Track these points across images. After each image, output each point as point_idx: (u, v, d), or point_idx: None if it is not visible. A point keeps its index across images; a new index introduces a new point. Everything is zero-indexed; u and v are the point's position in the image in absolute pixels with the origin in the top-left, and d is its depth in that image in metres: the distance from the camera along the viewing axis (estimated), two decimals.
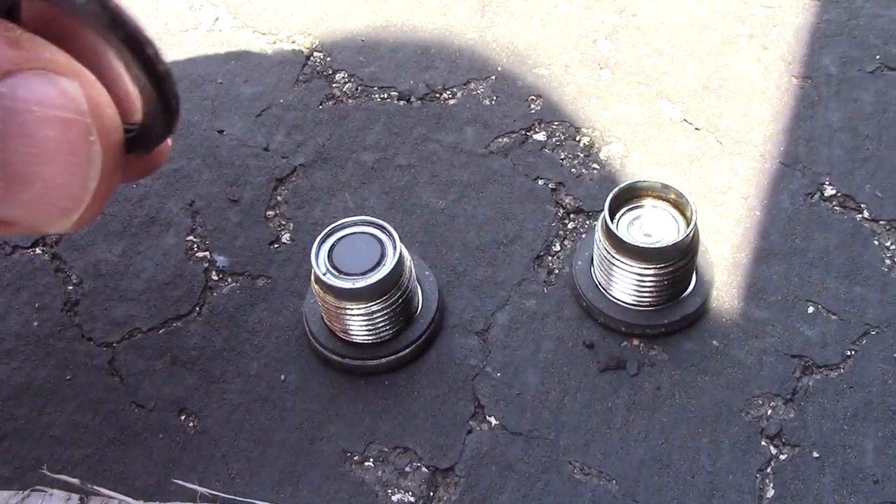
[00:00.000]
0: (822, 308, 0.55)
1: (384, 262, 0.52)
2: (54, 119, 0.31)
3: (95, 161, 0.33)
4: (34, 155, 0.31)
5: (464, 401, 0.53)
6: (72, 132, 0.32)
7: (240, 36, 0.73)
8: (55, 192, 0.33)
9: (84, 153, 0.32)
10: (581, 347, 0.54)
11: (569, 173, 0.62)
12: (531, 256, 0.59)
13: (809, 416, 0.51)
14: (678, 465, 0.50)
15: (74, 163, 0.32)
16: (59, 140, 0.32)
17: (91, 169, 0.33)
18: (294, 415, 0.53)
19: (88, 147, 0.32)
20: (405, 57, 0.70)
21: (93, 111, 0.33)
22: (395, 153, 0.64)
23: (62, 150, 0.32)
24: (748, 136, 0.63)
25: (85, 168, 0.33)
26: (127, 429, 0.53)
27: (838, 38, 0.68)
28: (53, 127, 0.31)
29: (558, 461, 0.51)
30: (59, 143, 0.32)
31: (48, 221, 0.34)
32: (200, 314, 0.58)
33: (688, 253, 0.52)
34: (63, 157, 0.32)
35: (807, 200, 0.59)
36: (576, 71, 0.68)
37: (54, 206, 0.33)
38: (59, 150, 0.32)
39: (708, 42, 0.69)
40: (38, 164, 0.31)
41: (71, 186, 0.33)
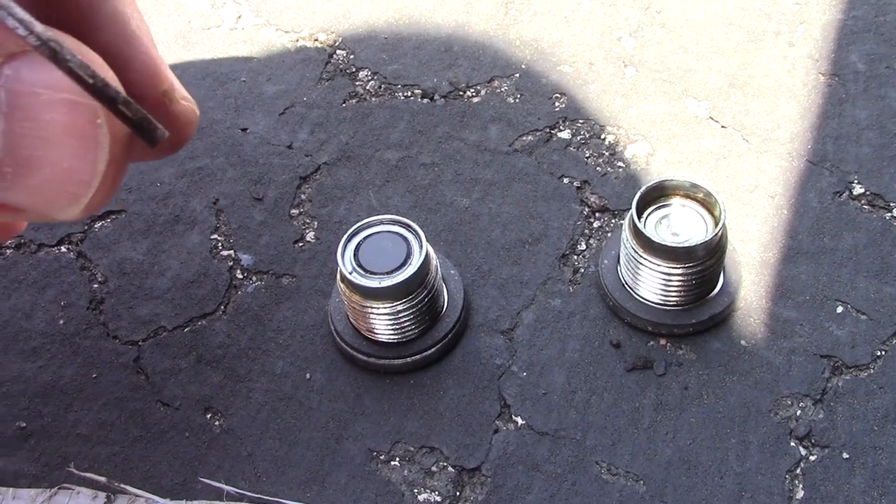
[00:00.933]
0: (851, 308, 0.54)
1: (410, 261, 0.51)
2: (61, 102, 0.31)
3: (104, 144, 0.32)
4: (41, 139, 0.31)
5: (490, 400, 0.53)
6: (79, 115, 0.31)
7: (262, 34, 0.73)
8: (64, 177, 0.32)
9: (92, 136, 0.32)
10: (607, 347, 0.54)
11: (594, 171, 0.62)
12: (556, 255, 0.58)
13: (839, 417, 0.51)
14: (706, 466, 0.50)
15: (82, 146, 0.32)
16: (67, 123, 0.31)
17: (99, 152, 0.32)
18: (320, 414, 0.53)
19: (96, 130, 0.32)
20: (428, 55, 0.70)
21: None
22: (418, 151, 0.64)
23: (70, 133, 0.31)
24: (775, 133, 0.62)
25: (93, 151, 0.32)
26: (153, 427, 0.53)
27: (866, 35, 0.67)
28: (60, 110, 0.31)
29: (585, 461, 0.50)
30: (66, 127, 0.31)
31: (57, 207, 0.33)
32: (225, 313, 0.58)
33: (716, 252, 0.52)
34: (71, 141, 0.31)
35: (835, 199, 0.59)
36: (600, 68, 0.67)
37: (63, 191, 0.32)
38: (66, 133, 0.31)
39: (734, 39, 0.68)
40: (45, 148, 0.31)
41: (79, 170, 0.32)
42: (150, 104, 0.39)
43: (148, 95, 0.38)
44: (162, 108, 0.39)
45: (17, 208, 0.33)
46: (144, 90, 0.38)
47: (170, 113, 0.39)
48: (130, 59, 0.37)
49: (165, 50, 0.71)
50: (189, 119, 0.40)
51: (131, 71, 0.37)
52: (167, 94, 0.38)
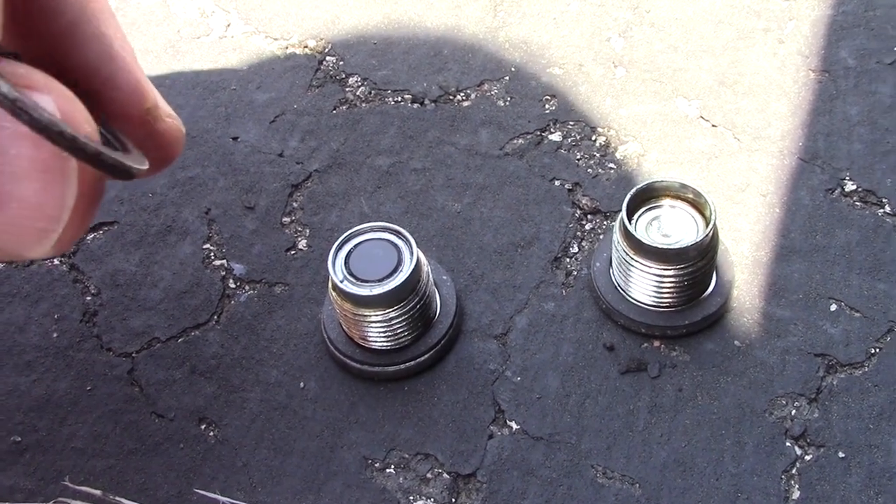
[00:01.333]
0: (844, 305, 0.54)
1: (401, 267, 0.51)
2: (27, 135, 0.30)
3: (71, 177, 0.32)
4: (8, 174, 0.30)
5: (484, 406, 0.53)
6: (45, 148, 0.30)
7: (252, 42, 0.73)
8: (31, 213, 0.31)
9: (59, 170, 0.31)
10: (601, 350, 0.54)
11: (585, 174, 0.62)
12: (549, 258, 0.58)
13: (834, 416, 0.50)
14: (702, 468, 0.50)
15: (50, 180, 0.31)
16: (33, 157, 0.30)
17: (67, 186, 0.32)
18: (314, 423, 0.53)
19: (63, 163, 0.31)
20: (418, 59, 0.70)
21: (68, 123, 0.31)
22: (409, 157, 0.64)
23: (36, 167, 0.30)
24: (766, 132, 0.62)
25: (61, 185, 0.31)
26: (148, 439, 0.53)
27: (855, 31, 0.67)
28: (26, 143, 0.30)
29: (580, 465, 0.50)
30: (32, 161, 0.30)
31: (25, 244, 0.32)
32: (219, 323, 0.58)
33: (707, 253, 0.52)
34: (38, 175, 0.30)
35: (827, 196, 0.59)
36: (590, 69, 0.67)
37: (31, 228, 0.32)
38: (33, 167, 0.30)
39: (723, 37, 0.68)
40: (12, 184, 0.30)
41: (47, 205, 0.31)
42: (135, 123, 0.39)
43: (132, 114, 0.38)
44: (146, 127, 0.39)
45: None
46: (128, 109, 0.38)
47: (154, 132, 0.39)
48: (113, 78, 0.37)
49: (155, 60, 0.71)
50: (174, 137, 0.39)
51: (114, 89, 0.37)
52: (151, 113, 0.38)
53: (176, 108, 0.68)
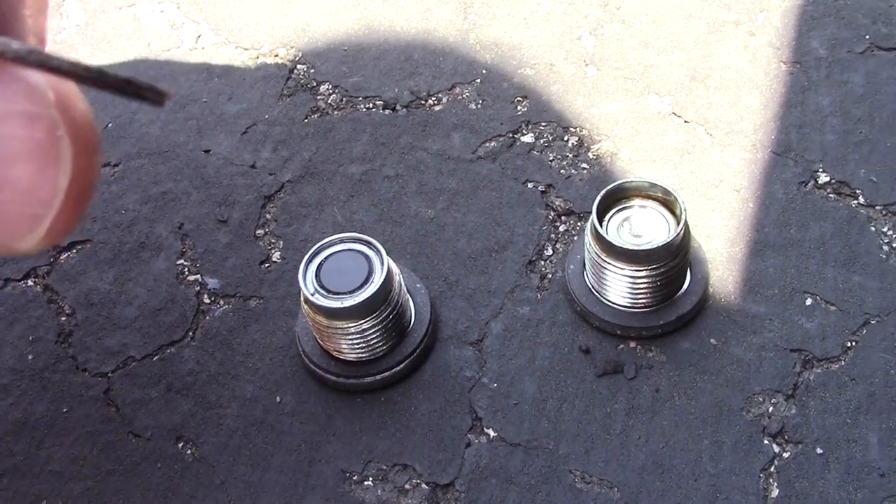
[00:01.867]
0: (820, 299, 0.54)
1: (372, 278, 0.51)
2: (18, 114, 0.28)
3: (64, 157, 0.29)
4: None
5: (461, 414, 0.53)
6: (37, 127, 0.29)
7: (222, 52, 0.72)
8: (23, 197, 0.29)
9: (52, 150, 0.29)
10: (577, 353, 0.54)
11: (558, 175, 0.61)
12: (523, 262, 0.58)
13: (811, 412, 0.50)
14: (680, 469, 0.49)
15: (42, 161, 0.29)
16: (25, 137, 0.29)
17: (60, 166, 0.29)
18: (291, 437, 0.53)
19: (56, 143, 0.29)
20: (389, 64, 0.69)
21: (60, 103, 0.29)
22: (382, 164, 0.64)
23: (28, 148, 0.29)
24: (738, 126, 0.62)
25: (53, 166, 0.29)
26: (125, 460, 0.53)
27: (826, 20, 0.67)
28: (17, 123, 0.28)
29: (559, 471, 0.50)
30: (24, 141, 0.29)
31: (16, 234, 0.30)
32: (194, 339, 0.57)
33: (679, 252, 0.51)
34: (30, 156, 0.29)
35: (800, 189, 0.58)
36: (561, 69, 0.67)
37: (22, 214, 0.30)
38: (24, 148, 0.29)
39: (694, 31, 0.68)
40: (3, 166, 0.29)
41: (39, 188, 0.29)
42: None
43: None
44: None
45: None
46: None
47: None
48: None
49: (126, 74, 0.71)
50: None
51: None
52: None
53: (147, 122, 0.68)
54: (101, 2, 0.77)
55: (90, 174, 0.31)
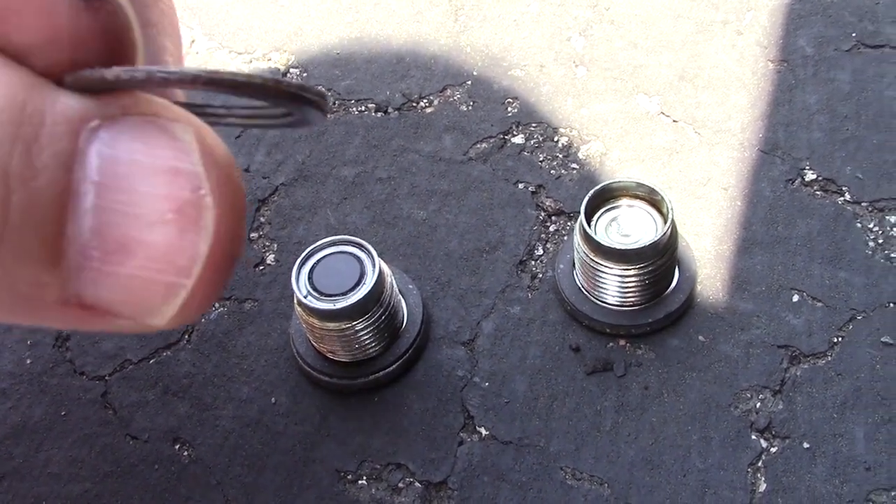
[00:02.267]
0: (806, 295, 0.55)
1: (364, 280, 0.52)
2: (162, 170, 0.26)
3: (207, 220, 0.26)
4: (137, 216, 0.25)
5: (453, 412, 0.53)
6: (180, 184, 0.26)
7: (216, 57, 0.73)
8: (159, 264, 0.26)
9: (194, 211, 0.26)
10: (567, 351, 0.55)
11: (548, 175, 0.62)
12: (514, 262, 0.59)
13: (798, 407, 0.51)
14: (669, 465, 0.50)
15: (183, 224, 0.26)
16: (168, 196, 0.26)
17: (201, 230, 0.26)
18: (286, 437, 0.54)
19: (199, 201, 0.26)
20: (380, 68, 0.70)
21: (205, 158, 0.26)
22: (374, 166, 0.64)
23: (169, 208, 0.25)
24: (726, 125, 0.63)
25: (194, 230, 0.26)
26: (123, 461, 0.54)
27: (813, 18, 0.67)
28: (160, 180, 0.26)
29: (550, 468, 0.51)
30: (167, 200, 0.26)
31: (149, 305, 0.27)
32: (190, 342, 0.58)
33: (667, 250, 0.52)
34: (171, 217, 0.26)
35: (787, 187, 0.59)
36: (551, 70, 0.68)
37: (158, 283, 0.26)
38: (165, 208, 0.25)
39: (682, 31, 0.68)
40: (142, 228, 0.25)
41: (177, 253, 0.26)
42: None
43: None
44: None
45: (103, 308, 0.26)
46: None
47: None
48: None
49: None
50: None
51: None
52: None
53: None
54: None
55: (235, 240, 0.27)
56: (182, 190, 0.26)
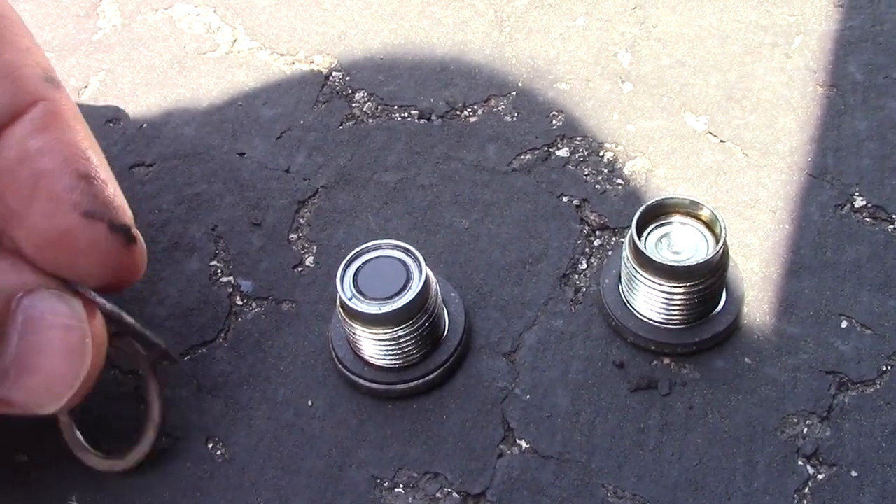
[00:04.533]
0: (855, 322, 0.54)
1: (410, 285, 0.51)
2: (61, 324, 0.42)
3: (87, 357, 0.43)
4: (42, 351, 0.41)
5: (493, 424, 0.52)
6: (72, 335, 0.42)
7: (258, 57, 0.73)
8: (54, 381, 0.42)
9: (80, 351, 0.43)
10: (611, 367, 0.54)
11: (593, 189, 0.61)
12: (557, 275, 0.58)
13: (846, 435, 0.50)
14: (713, 487, 0.49)
15: (71, 358, 0.42)
16: (63, 339, 0.42)
17: (84, 363, 0.43)
18: (322, 441, 0.53)
19: (84, 346, 0.43)
20: (424, 75, 0.70)
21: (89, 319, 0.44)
22: (416, 173, 0.64)
23: (64, 347, 0.42)
24: (774, 147, 0.62)
25: (79, 362, 0.43)
26: (155, 457, 0.53)
27: (863, 45, 0.67)
28: (59, 330, 0.42)
29: (591, 484, 0.50)
30: (62, 342, 0.42)
31: (43, 404, 0.43)
32: (226, 340, 0.57)
33: (718, 270, 0.51)
34: (64, 353, 0.42)
35: (836, 212, 0.58)
36: (597, 85, 0.67)
37: (51, 391, 0.43)
38: (61, 347, 0.42)
39: (730, 52, 0.68)
40: (44, 357, 0.42)
41: (66, 376, 0.43)
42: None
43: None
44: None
45: (11, 403, 0.43)
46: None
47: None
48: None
49: (160, 76, 0.71)
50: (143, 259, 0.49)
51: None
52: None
53: (182, 124, 0.68)
54: (138, 3, 0.77)
55: (99, 368, 0.46)
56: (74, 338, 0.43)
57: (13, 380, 0.41)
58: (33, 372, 0.42)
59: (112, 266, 0.45)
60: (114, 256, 0.44)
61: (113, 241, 0.44)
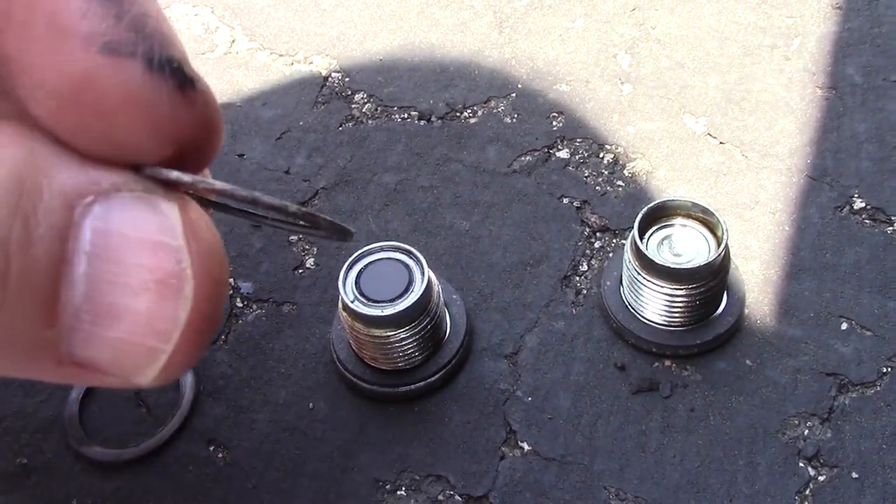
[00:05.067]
0: (855, 324, 0.54)
1: (412, 288, 0.51)
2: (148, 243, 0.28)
3: (187, 291, 0.29)
4: (124, 285, 0.28)
5: (495, 426, 0.53)
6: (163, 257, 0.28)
7: (257, 58, 0.72)
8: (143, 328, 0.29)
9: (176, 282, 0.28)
10: (612, 369, 0.54)
11: (593, 191, 0.62)
12: (558, 277, 0.58)
13: (847, 436, 0.50)
14: (715, 489, 0.49)
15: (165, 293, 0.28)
16: (152, 267, 0.28)
17: (181, 300, 0.29)
18: (324, 444, 0.53)
19: (180, 273, 0.28)
20: (424, 76, 0.69)
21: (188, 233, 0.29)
22: (416, 174, 0.64)
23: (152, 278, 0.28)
24: (774, 149, 0.62)
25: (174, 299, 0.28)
26: (156, 461, 0.53)
27: (862, 47, 0.67)
28: (146, 253, 0.28)
29: (593, 487, 0.50)
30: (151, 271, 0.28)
31: (134, 365, 0.29)
32: (226, 342, 0.57)
33: (719, 273, 0.52)
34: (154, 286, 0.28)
35: (836, 214, 0.59)
36: (597, 86, 0.67)
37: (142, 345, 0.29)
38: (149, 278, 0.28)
39: (729, 54, 0.68)
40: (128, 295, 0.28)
41: (159, 319, 0.28)
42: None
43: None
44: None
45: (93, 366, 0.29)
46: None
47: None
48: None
49: None
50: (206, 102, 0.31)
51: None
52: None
53: None
54: None
55: (214, 308, 0.30)
56: (164, 262, 0.28)
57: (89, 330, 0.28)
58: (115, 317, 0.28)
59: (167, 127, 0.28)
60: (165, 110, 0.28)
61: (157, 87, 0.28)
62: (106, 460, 0.52)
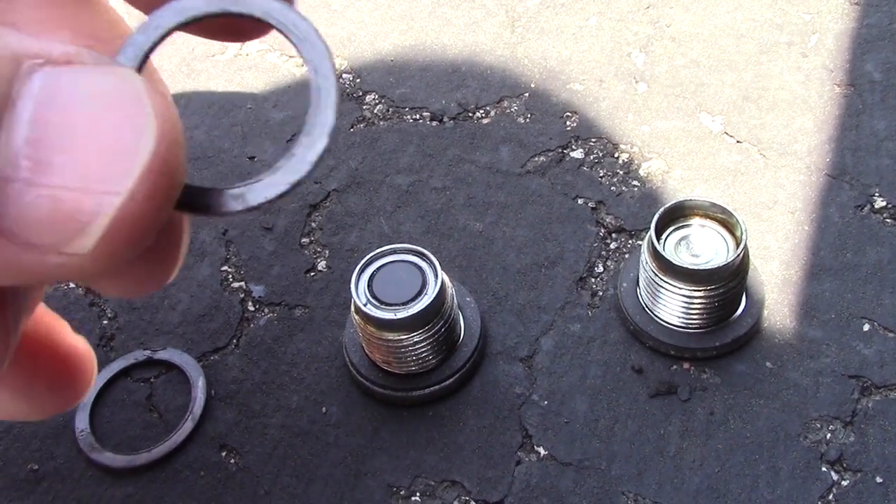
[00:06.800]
0: (878, 325, 0.53)
1: (426, 290, 0.50)
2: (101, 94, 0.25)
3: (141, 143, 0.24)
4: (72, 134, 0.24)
5: (511, 430, 0.52)
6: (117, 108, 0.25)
7: (267, 59, 0.72)
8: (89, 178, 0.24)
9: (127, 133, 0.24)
10: (629, 372, 0.53)
11: (608, 191, 0.61)
12: (574, 278, 0.57)
13: (871, 440, 0.49)
14: (736, 494, 0.48)
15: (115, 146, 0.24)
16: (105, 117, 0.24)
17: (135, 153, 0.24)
18: (337, 449, 0.52)
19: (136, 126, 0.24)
20: (436, 76, 0.69)
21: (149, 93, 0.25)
22: (429, 175, 0.63)
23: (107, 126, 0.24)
24: (792, 147, 0.61)
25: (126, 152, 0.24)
26: (167, 466, 0.52)
27: (881, 44, 0.66)
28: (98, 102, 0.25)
29: (611, 492, 0.49)
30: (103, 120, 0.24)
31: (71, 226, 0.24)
32: (238, 346, 0.57)
33: (738, 274, 0.51)
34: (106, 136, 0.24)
35: (856, 213, 0.58)
36: (611, 85, 0.66)
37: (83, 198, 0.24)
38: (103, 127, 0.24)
39: (745, 51, 0.67)
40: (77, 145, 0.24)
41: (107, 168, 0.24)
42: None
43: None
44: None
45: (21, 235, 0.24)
46: None
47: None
48: None
49: (169, 78, 0.71)
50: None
51: None
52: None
53: (191, 127, 0.67)
54: None
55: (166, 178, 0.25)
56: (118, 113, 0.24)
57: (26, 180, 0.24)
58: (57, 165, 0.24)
59: None
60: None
61: None
62: (117, 466, 0.52)
